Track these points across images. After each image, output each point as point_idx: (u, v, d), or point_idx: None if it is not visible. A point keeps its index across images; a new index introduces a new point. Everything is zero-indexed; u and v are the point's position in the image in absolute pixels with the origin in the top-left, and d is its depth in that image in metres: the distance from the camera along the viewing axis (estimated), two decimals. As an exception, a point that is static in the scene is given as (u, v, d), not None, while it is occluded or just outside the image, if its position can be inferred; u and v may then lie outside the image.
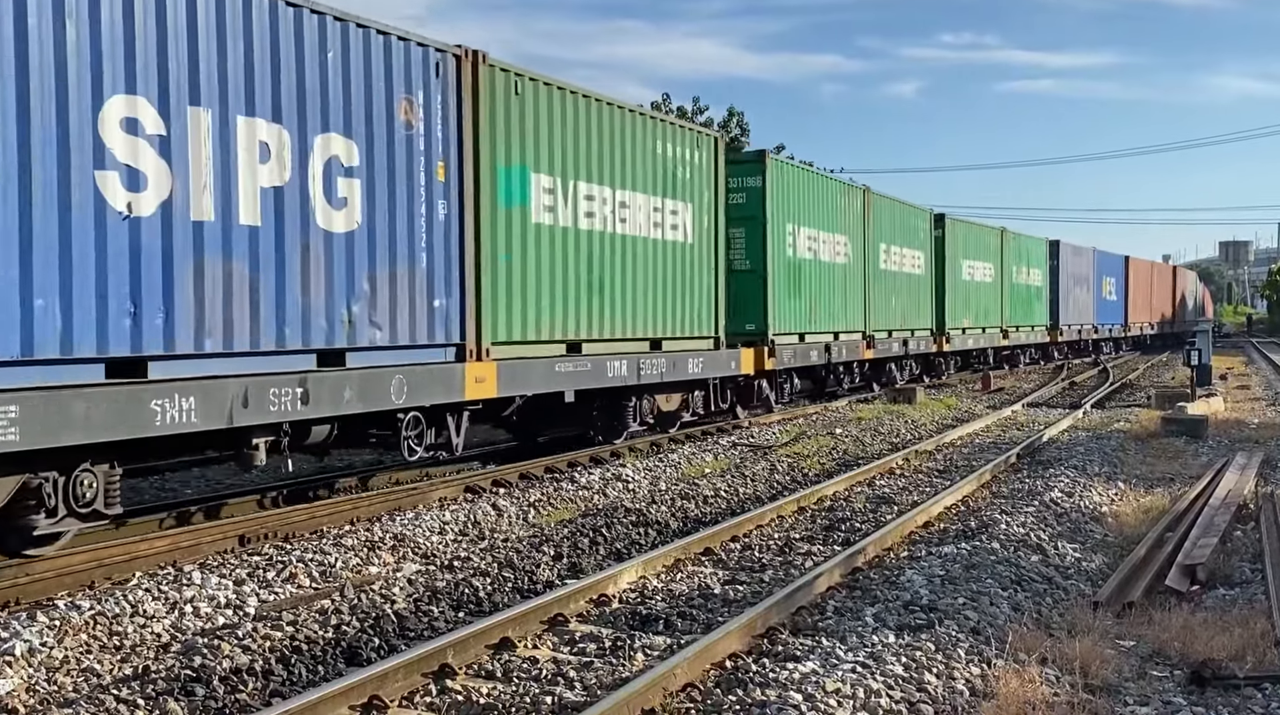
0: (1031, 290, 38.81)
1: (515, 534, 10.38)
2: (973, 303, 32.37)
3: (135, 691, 6.14)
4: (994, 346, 34.82)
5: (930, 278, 29.04)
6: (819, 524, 10.89)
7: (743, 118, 51.77)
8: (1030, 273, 38.54)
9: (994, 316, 34.42)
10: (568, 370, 13.42)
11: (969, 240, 32.41)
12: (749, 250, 19.53)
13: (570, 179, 13.64)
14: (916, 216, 28.32)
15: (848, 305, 23.37)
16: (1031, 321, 38.54)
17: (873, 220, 24.79)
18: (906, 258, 27.33)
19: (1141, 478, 13.73)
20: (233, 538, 9.85)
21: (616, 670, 6.45)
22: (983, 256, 33.43)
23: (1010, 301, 35.98)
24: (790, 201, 20.51)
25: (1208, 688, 6.36)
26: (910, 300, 27.43)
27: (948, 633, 6.87)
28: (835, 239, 22.74)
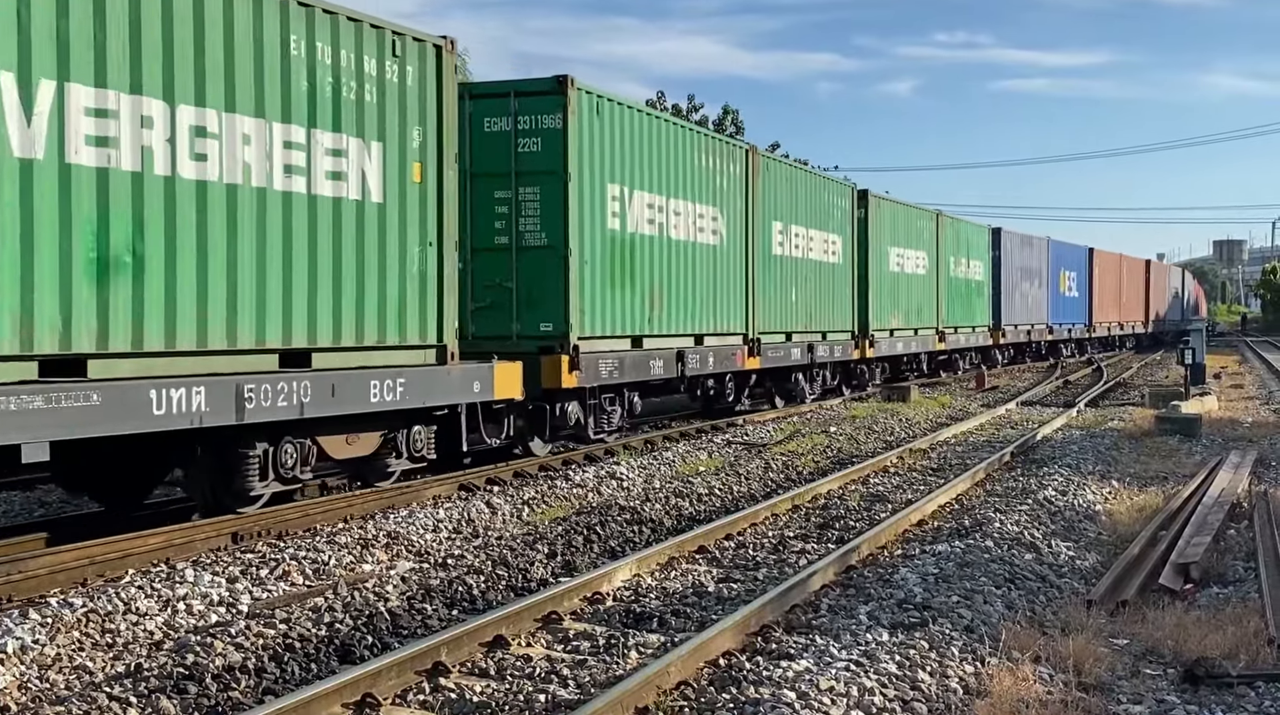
0: (972, 285, 33.74)
1: (509, 532, 10.37)
2: (903, 299, 27.55)
3: (128, 689, 6.12)
4: (928, 351, 30.08)
5: (851, 268, 24.20)
6: (813, 522, 10.89)
7: (738, 115, 51.84)
8: (970, 265, 33.56)
9: (928, 315, 29.50)
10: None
11: (898, 224, 27.45)
12: (544, 221, 14.27)
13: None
14: (830, 190, 23.39)
15: (719, 299, 18.08)
16: (972, 321, 33.42)
17: (762, 190, 19.55)
18: (816, 241, 22.25)
19: (1135, 476, 13.74)
20: (226, 535, 9.83)
21: (610, 668, 6.45)
22: (915, 243, 28.49)
23: (948, 298, 31.15)
24: (616, 153, 15.17)
25: (1201, 686, 6.36)
26: (821, 295, 22.55)
27: (941, 631, 6.87)
28: (698, 211, 17.42)
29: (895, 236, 27.08)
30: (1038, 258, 40.11)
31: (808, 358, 21.52)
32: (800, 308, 21.39)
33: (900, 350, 27.73)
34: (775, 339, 20.28)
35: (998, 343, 35.78)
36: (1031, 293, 39.29)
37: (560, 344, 14.14)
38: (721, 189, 18.28)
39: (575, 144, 14.22)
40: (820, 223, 22.47)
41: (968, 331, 32.89)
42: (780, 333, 20.51)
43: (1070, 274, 43.84)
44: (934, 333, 29.94)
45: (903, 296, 27.56)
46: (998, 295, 35.70)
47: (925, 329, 29.27)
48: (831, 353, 23.00)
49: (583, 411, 14.96)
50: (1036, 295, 39.85)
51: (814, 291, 22.14)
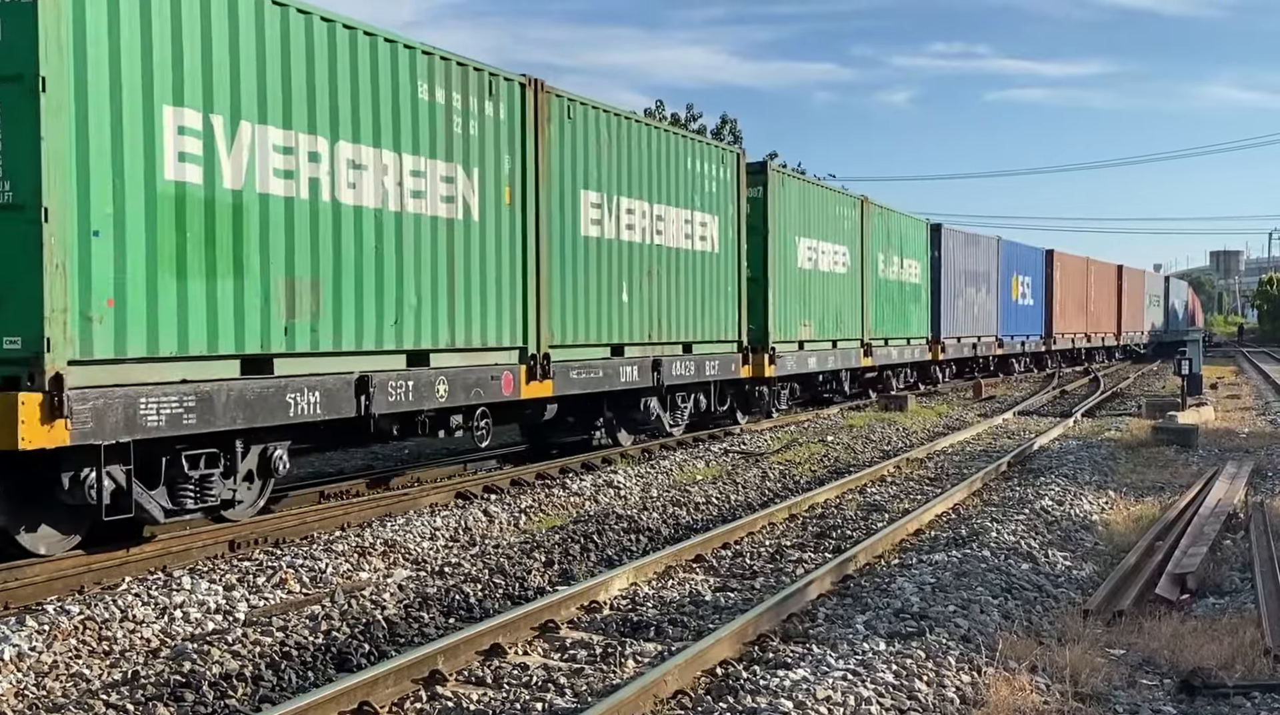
0: (907, 290, 28.30)
1: (506, 540, 10.37)
2: (816, 304, 22.41)
3: (124, 696, 6.12)
4: (851, 367, 24.66)
5: (734, 261, 18.57)
6: (810, 531, 10.90)
7: (735, 125, 51.87)
8: (905, 265, 28.19)
9: (851, 324, 24.25)
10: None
11: (810, 209, 22.11)
12: None
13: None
14: (697, 155, 17.47)
15: (462, 296, 12.09)
16: (906, 332, 28.08)
17: (556, 145, 13.75)
18: (671, 223, 16.47)
19: (1132, 486, 13.75)
20: (223, 543, 9.83)
21: (607, 677, 6.45)
22: (833, 235, 23.26)
23: (876, 304, 25.85)
24: (263, 84, 9.68)
25: (1197, 696, 6.37)
26: (684, 295, 16.90)
27: (938, 640, 6.87)
28: (408, 165, 11.31)
29: (807, 224, 21.83)
30: (986, 259, 34.58)
31: (651, 379, 15.68)
32: (640, 312, 15.57)
33: (813, 367, 22.23)
34: (587, 355, 14.45)
35: (937, 358, 30.51)
36: (978, 300, 33.80)
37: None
38: (470, 138, 12.21)
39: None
40: (679, 198, 16.68)
41: (901, 344, 27.56)
42: (599, 346, 14.75)
43: (1024, 279, 38.50)
44: (858, 346, 24.56)
45: (816, 300, 22.35)
46: (937, 302, 30.38)
47: (847, 341, 23.98)
48: (702, 370, 17.23)
49: None
50: (984, 303, 34.31)
51: (667, 290, 16.29)
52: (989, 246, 35.14)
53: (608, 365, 14.89)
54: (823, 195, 23.46)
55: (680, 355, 16.85)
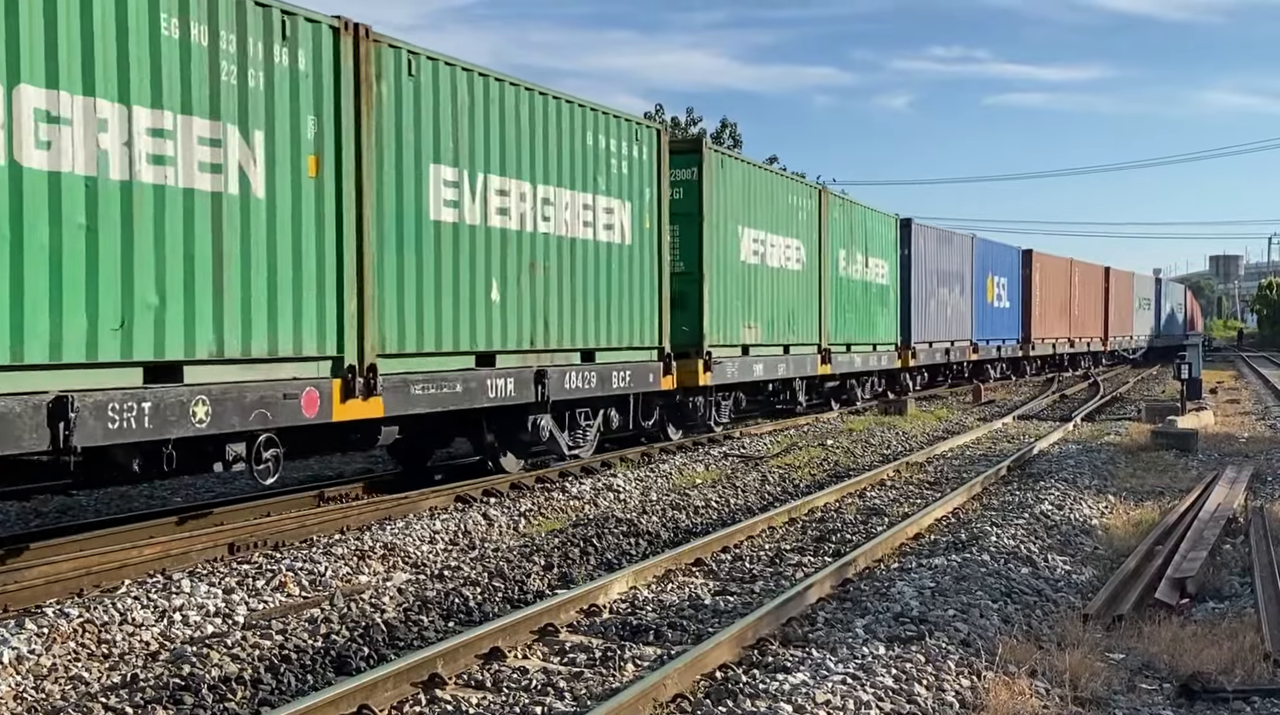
0: (873, 291, 25.69)
1: (506, 543, 10.37)
2: (764, 303, 19.66)
3: (124, 700, 6.12)
4: (806, 375, 22.08)
5: (649, 252, 15.72)
6: (810, 535, 10.90)
7: (735, 128, 51.93)
8: (871, 264, 25.63)
9: (805, 327, 21.56)
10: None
11: (757, 196, 19.40)
12: None
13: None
14: (601, 129, 14.60)
15: (228, 292, 9.43)
16: (872, 336, 25.52)
17: (405, 111, 11.32)
18: (561, 208, 13.71)
19: (1131, 491, 13.75)
20: (222, 546, 9.83)
21: (606, 681, 6.45)
22: (785, 227, 20.60)
23: (837, 305, 23.27)
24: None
25: (1197, 701, 6.37)
26: (577, 292, 14.06)
27: (938, 644, 6.87)
28: (165, 124, 8.88)
29: (753, 214, 19.16)
30: (960, 259, 32.00)
31: (535, 393, 13.02)
32: (517, 313, 12.84)
33: (760, 375, 19.39)
34: (440, 366, 11.73)
35: (907, 365, 27.92)
36: (952, 302, 31.18)
37: None
38: (249, 92, 9.60)
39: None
40: (576, 180, 13.99)
41: (865, 350, 24.97)
42: (458, 354, 11.99)
43: (1000, 280, 35.82)
44: (815, 352, 21.98)
45: (764, 300, 19.59)
46: (907, 305, 27.86)
47: (802, 347, 21.33)
48: (608, 382, 14.61)
49: None
50: (958, 305, 31.73)
51: (558, 288, 13.62)
52: (963, 245, 32.50)
53: (470, 378, 11.93)
54: (772, 182, 20.42)
55: (577, 365, 13.98)
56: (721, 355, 17.90)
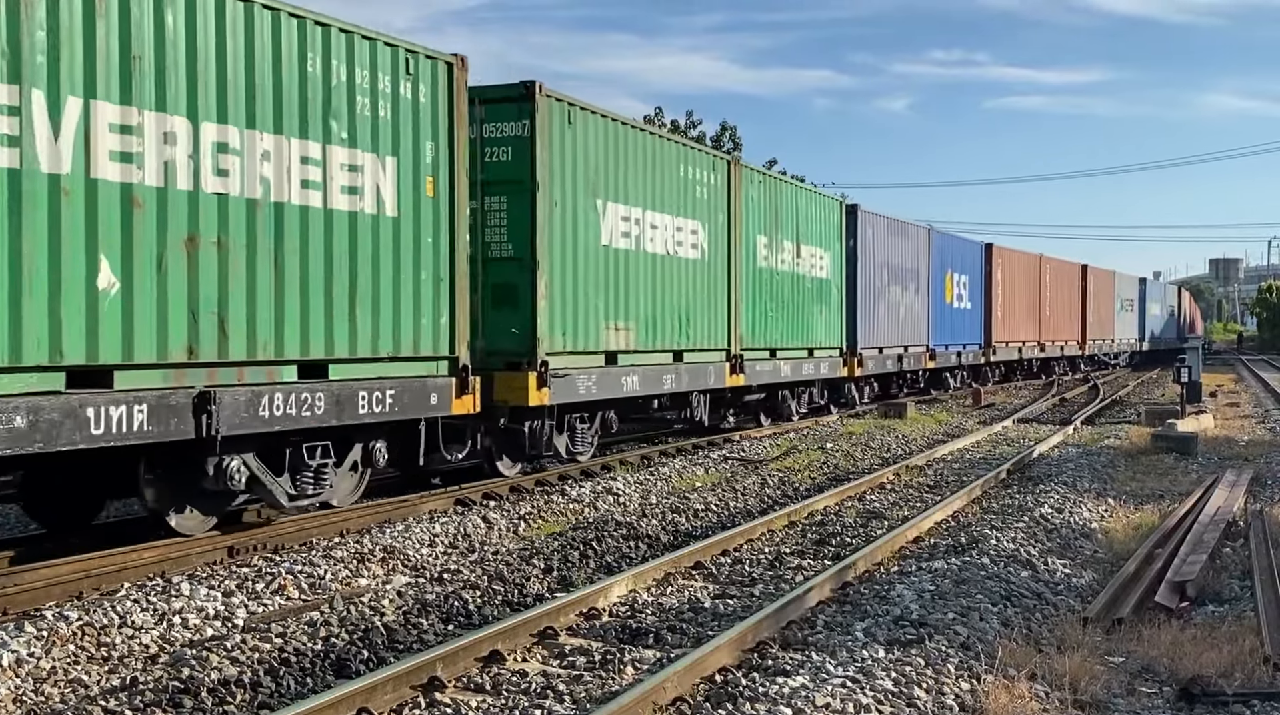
0: (809, 286, 21.99)
1: (505, 546, 10.36)
2: (641, 299, 15.72)
3: (123, 703, 6.12)
4: (707, 388, 17.74)
5: (427, 226, 11.59)
6: (809, 538, 10.89)
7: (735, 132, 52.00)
8: (809, 255, 22.06)
9: (708, 329, 17.65)
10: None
11: (626, 162, 15.38)
12: None
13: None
14: (335, 55, 10.47)
15: None
16: (809, 341, 21.95)
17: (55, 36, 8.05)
18: (267, 164, 9.80)
19: (1131, 494, 13.75)
20: (222, 549, 9.82)
21: (606, 684, 6.45)
22: (674, 206, 16.58)
23: (756, 302, 19.53)
24: None
25: (1196, 704, 6.37)
26: (314, 283, 10.32)
27: (937, 648, 6.87)
28: None
29: (621, 185, 15.23)
30: (915, 253, 28.46)
31: (196, 426, 9.07)
32: (161, 309, 8.91)
33: (634, 389, 15.37)
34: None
35: (853, 373, 24.36)
36: (906, 302, 27.65)
37: None
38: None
39: None
40: (283, 123, 9.94)
41: (797, 356, 21.30)
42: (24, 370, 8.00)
43: (961, 278, 32.09)
44: (722, 359, 18.13)
45: (640, 295, 15.69)
46: (854, 304, 24.39)
47: (703, 353, 17.46)
48: (348, 407, 10.47)
49: None
50: (913, 306, 28.16)
51: (248, 274, 9.64)
52: (918, 238, 28.93)
53: (45, 408, 7.97)
54: (653, 147, 16.17)
55: (290, 384, 10.00)
56: (569, 366, 13.94)
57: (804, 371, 21.64)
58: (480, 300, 13.06)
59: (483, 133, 13.29)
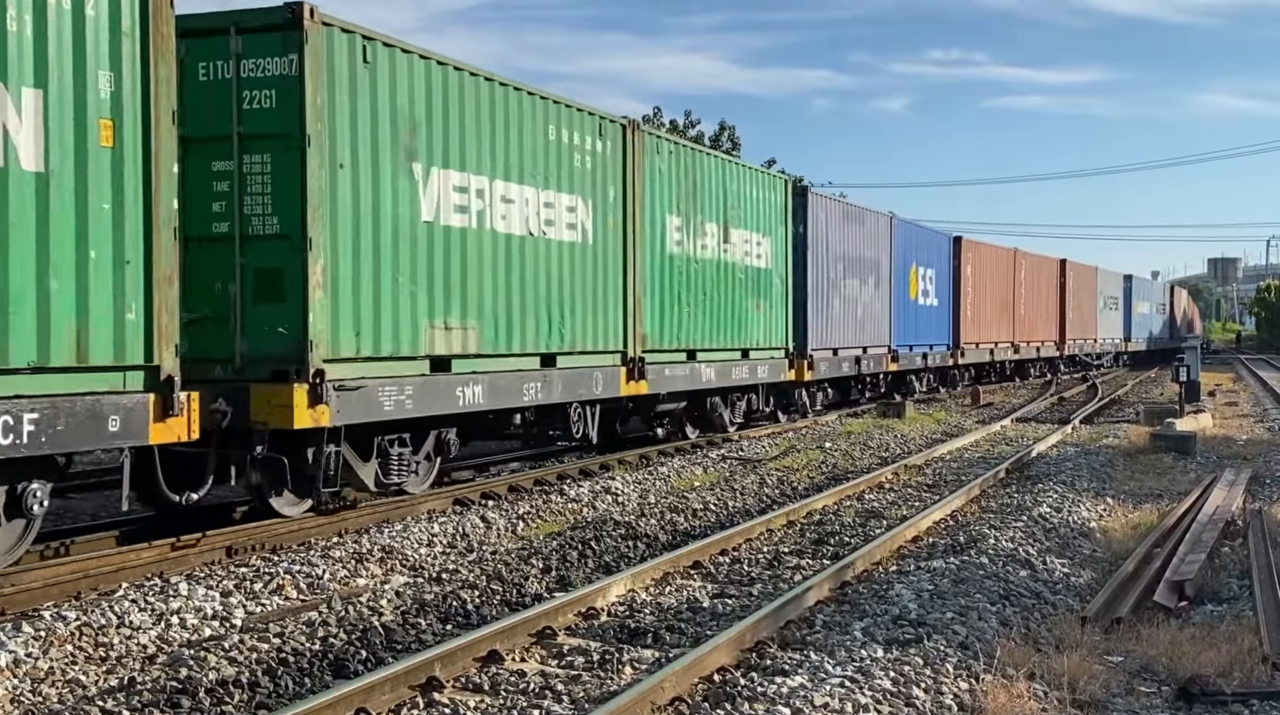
0: (742, 277, 18.88)
1: (504, 546, 10.36)
2: (486, 290, 12.62)
3: (121, 703, 6.11)
4: (591, 398, 14.73)
5: (96, 188, 8.18)
6: (808, 538, 10.89)
7: (734, 131, 51.96)
8: (741, 241, 18.84)
9: (597, 327, 14.71)
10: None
11: (463, 118, 12.24)
12: None
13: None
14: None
15: None
16: (744, 340, 18.96)
17: None
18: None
19: (1130, 493, 13.75)
20: (220, 549, 9.81)
21: (604, 683, 6.44)
22: (544, 178, 13.55)
23: (665, 295, 16.45)
24: None
25: (1195, 704, 6.37)
26: None
27: (936, 647, 6.87)
28: None
29: (454, 150, 12.04)
30: (875, 243, 25.66)
31: None
32: None
33: (477, 403, 12.31)
34: None
35: (803, 377, 21.52)
36: (865, 298, 24.96)
37: None
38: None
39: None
40: None
41: (728, 358, 18.33)
42: None
43: (927, 272, 29.26)
44: (615, 363, 15.05)
45: (488, 284, 12.56)
46: (803, 299, 21.54)
47: (583, 356, 14.33)
48: None
49: None
50: (872, 303, 25.44)
51: None
52: (879, 226, 26.01)
53: None
54: (508, 102, 12.78)
55: None
56: (368, 375, 10.86)
57: (737, 376, 18.67)
58: (241, 290, 10.34)
59: (240, 71, 10.34)
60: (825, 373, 22.76)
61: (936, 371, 31.41)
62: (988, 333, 34.10)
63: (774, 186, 20.47)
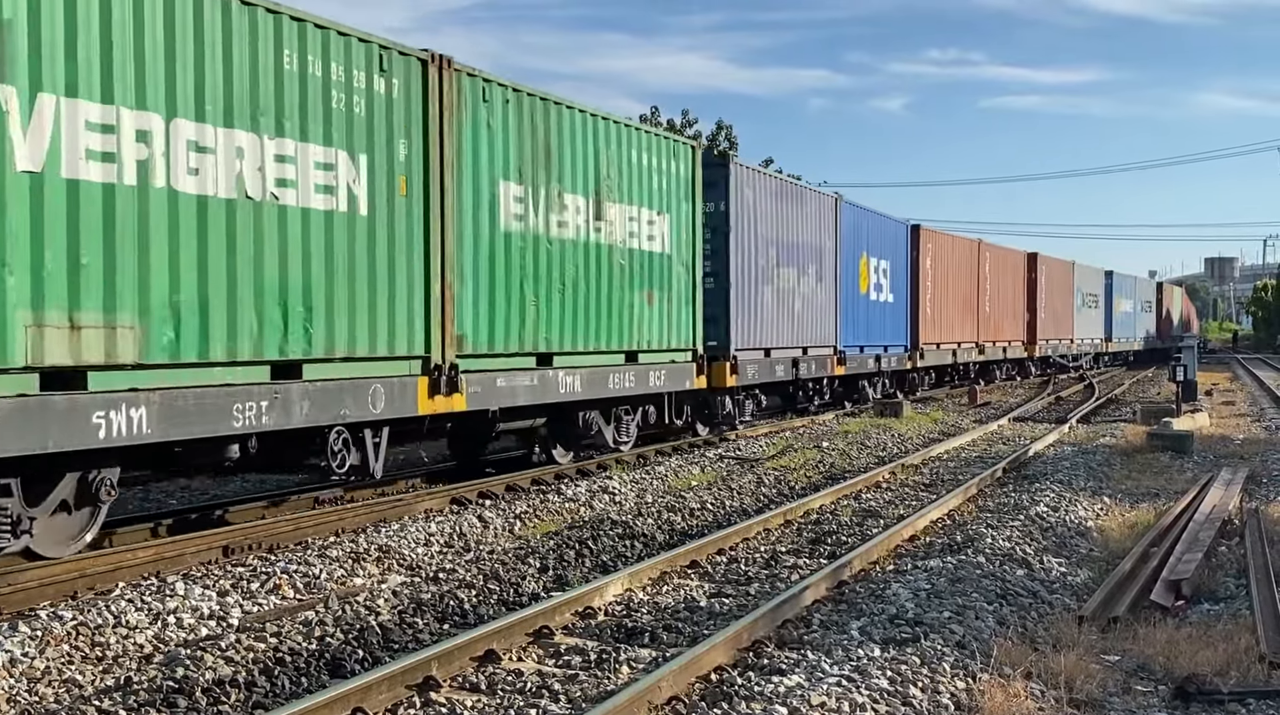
0: (623, 265, 15.22)
1: (501, 546, 10.35)
2: (167, 268, 8.88)
3: (117, 703, 6.10)
4: (370, 420, 10.97)
5: None
6: (805, 537, 10.89)
7: (731, 131, 51.94)
8: (623, 217, 15.24)
9: (372, 323, 10.96)
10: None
11: (102, 28, 8.35)
12: None
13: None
14: None
15: None
16: (633, 340, 15.41)
17: None
18: None
19: (1127, 493, 13.76)
20: (217, 548, 9.81)
21: (601, 683, 6.44)
22: (268, 122, 9.81)
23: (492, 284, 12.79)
24: None
25: (1192, 703, 6.37)
26: None
27: (933, 647, 6.87)
28: None
29: (101, 76, 8.44)
30: (816, 228, 22.25)
31: None
32: None
33: (124, 435, 8.45)
34: None
35: (726, 385, 18.26)
36: (805, 290, 21.61)
37: None
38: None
39: None
40: None
41: (607, 363, 14.85)
42: None
43: (880, 264, 26.28)
44: (411, 372, 11.56)
45: (155, 263, 8.86)
46: (724, 291, 18.27)
47: (351, 363, 10.81)
48: None
49: None
50: (814, 296, 22.14)
51: None
52: (822, 208, 22.62)
53: None
54: (195, 5, 9.22)
55: None
56: None
57: (617, 385, 14.88)
58: None
59: None
60: (754, 377, 19.24)
61: (893, 376, 28.29)
62: (950, 332, 31.14)
63: (675, 153, 16.49)
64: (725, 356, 18.25)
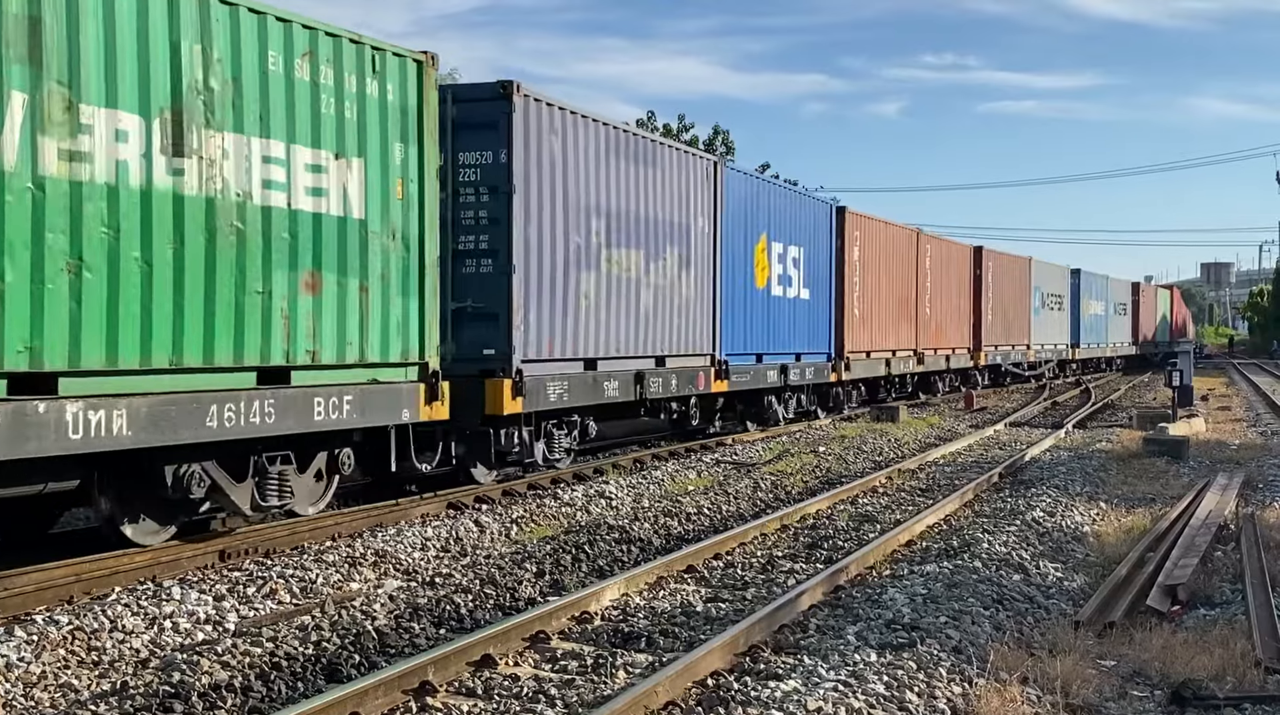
0: (268, 231, 9.52)
1: (497, 550, 10.35)
2: None
3: (113, 707, 6.10)
4: None
5: None
6: (802, 542, 10.89)
7: (728, 136, 52.07)
8: (259, 159, 9.42)
9: None
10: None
11: None
12: None
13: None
14: None
15: None
16: (270, 349, 9.47)
17: None
18: None
19: (1123, 498, 13.77)
20: (213, 553, 9.79)
21: (598, 688, 6.44)
22: None
23: None
24: None
25: (1188, 708, 6.38)
26: None
27: (929, 651, 6.87)
28: None
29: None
30: (681, 197, 17.04)
31: None
32: None
33: None
34: None
35: (500, 410, 12.71)
36: (661, 280, 16.43)
37: None
38: None
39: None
40: None
41: (198, 386, 8.84)
42: None
43: (789, 253, 21.40)
44: None
45: None
46: (500, 275, 12.98)
47: None
48: None
49: None
50: (678, 287, 16.95)
51: None
52: (691, 173, 17.33)
53: None
54: None
55: None
56: None
57: (236, 422, 9.16)
58: None
59: None
60: (561, 400, 13.93)
61: (811, 389, 23.19)
62: (883, 338, 26.29)
63: (373, 67, 10.68)
64: (505, 371, 12.91)
